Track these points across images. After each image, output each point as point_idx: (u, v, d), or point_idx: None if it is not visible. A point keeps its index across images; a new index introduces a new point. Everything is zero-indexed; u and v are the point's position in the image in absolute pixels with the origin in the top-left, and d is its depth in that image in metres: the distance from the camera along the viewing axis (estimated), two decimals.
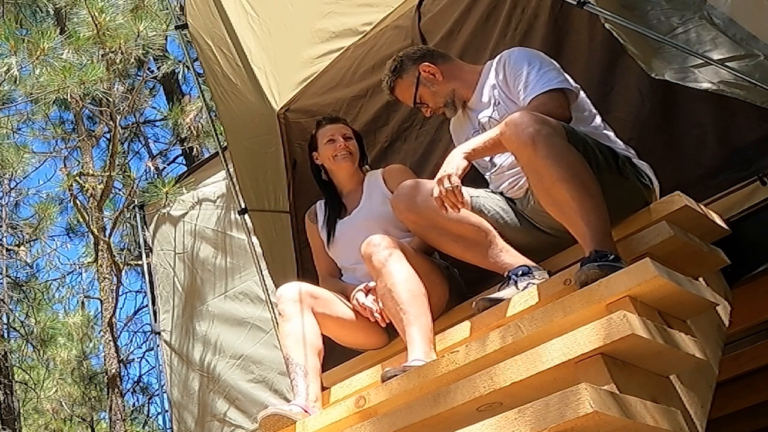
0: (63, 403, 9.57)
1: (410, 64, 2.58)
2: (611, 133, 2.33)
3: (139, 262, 6.56)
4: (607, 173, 2.08)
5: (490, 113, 2.45)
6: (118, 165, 7.54)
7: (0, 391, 8.05)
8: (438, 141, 3.12)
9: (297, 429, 2.15)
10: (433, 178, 2.20)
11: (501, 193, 2.44)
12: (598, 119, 2.35)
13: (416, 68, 2.56)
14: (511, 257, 2.23)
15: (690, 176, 2.38)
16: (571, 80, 2.34)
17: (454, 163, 2.14)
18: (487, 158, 2.45)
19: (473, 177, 2.46)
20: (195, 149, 8.91)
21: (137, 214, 5.46)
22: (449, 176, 2.11)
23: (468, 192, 2.38)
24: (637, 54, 2.33)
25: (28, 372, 9.33)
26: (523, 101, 2.30)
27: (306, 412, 2.22)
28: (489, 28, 3.05)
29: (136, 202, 5.71)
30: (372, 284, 2.50)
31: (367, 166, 2.89)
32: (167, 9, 6.32)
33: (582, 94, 2.36)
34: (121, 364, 8.33)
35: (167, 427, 4.79)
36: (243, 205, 3.66)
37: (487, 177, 2.54)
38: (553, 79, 2.27)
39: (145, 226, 5.35)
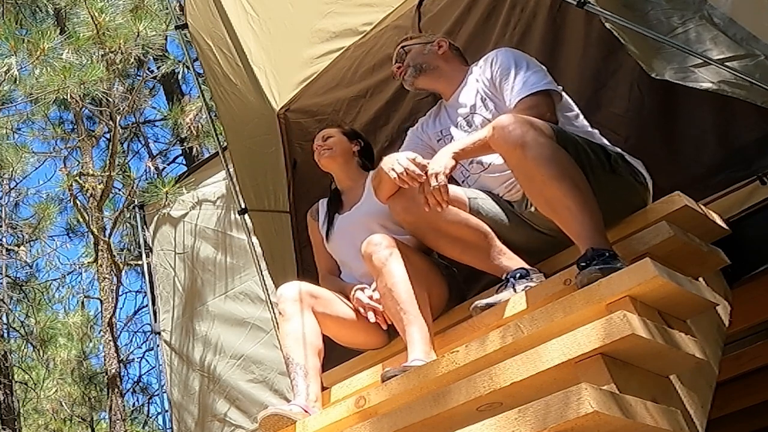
0: (63, 403, 9.57)
1: (435, 36, 2.72)
2: (596, 132, 2.33)
3: (139, 262, 6.57)
4: (600, 171, 2.09)
5: (476, 108, 2.45)
6: (118, 165, 7.55)
7: (0, 391, 8.05)
8: None
9: (297, 429, 2.15)
10: None
11: (498, 196, 2.44)
12: (581, 118, 2.36)
13: (436, 39, 2.66)
14: (508, 260, 2.23)
15: (690, 176, 2.38)
16: (554, 82, 2.34)
17: (442, 162, 2.15)
18: (476, 161, 2.45)
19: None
20: (195, 149, 8.91)
21: (137, 214, 5.47)
22: (436, 174, 2.12)
23: (466, 193, 2.38)
24: (638, 54, 2.33)
25: (28, 372, 9.33)
26: (509, 103, 2.31)
27: (306, 412, 2.22)
28: (489, 28, 3.05)
29: (136, 202, 5.71)
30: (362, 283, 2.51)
31: (356, 159, 2.85)
32: (167, 9, 6.32)
33: (564, 95, 2.37)
34: (121, 364, 8.34)
35: (167, 427, 4.79)
36: (243, 205, 3.66)
37: (471, 179, 2.51)
38: (539, 81, 2.28)
39: (145, 226, 5.35)
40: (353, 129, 2.99)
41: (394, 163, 2.21)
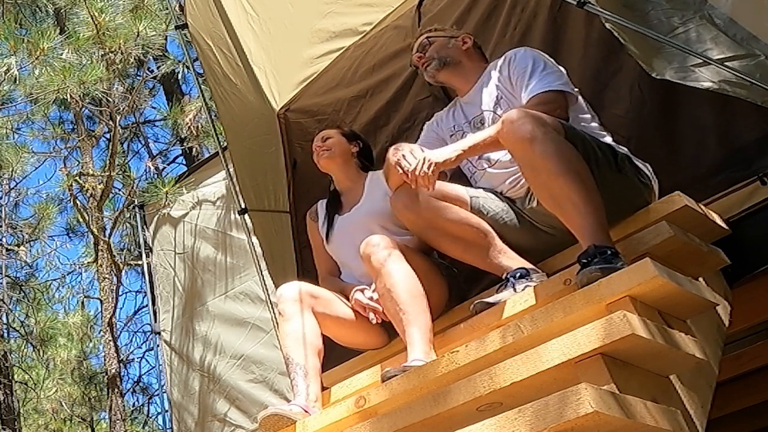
0: (63, 403, 9.57)
1: (460, 31, 2.71)
2: (608, 137, 2.33)
3: (139, 262, 6.56)
4: (607, 170, 2.09)
5: (491, 108, 2.46)
6: (118, 165, 7.55)
7: (0, 391, 8.05)
8: None
9: (297, 429, 2.15)
10: None
11: (500, 193, 2.44)
12: (596, 122, 2.36)
13: (461, 34, 2.65)
14: (509, 259, 2.23)
15: (690, 176, 2.38)
16: (571, 84, 2.35)
17: (444, 154, 2.18)
18: (483, 157, 2.45)
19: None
20: (195, 149, 8.91)
21: (137, 214, 5.47)
22: (432, 163, 2.15)
23: (467, 192, 2.38)
24: (638, 54, 2.33)
25: (28, 372, 9.32)
26: (523, 100, 2.32)
27: (306, 412, 2.22)
28: (489, 28, 3.05)
29: (136, 202, 5.72)
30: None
31: (355, 160, 2.86)
32: (167, 9, 6.31)
33: (579, 98, 2.37)
34: (121, 364, 8.33)
35: (167, 427, 4.79)
36: (243, 205, 3.66)
37: (478, 174, 2.51)
38: (554, 81, 2.29)
39: (145, 226, 5.35)
40: (352, 130, 2.99)
41: (426, 163, 2.17)
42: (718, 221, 2.16)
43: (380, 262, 2.27)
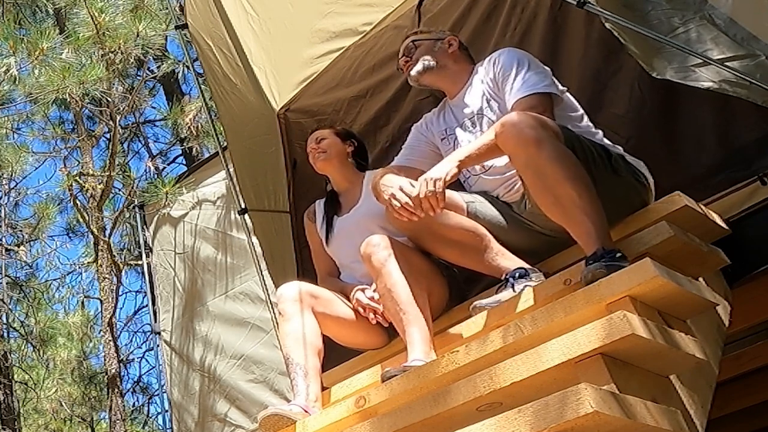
0: (63, 403, 9.56)
1: (446, 32, 2.66)
2: (599, 133, 2.33)
3: (139, 262, 6.56)
4: (603, 172, 2.09)
5: (482, 110, 2.44)
6: (118, 165, 7.55)
7: (0, 391, 8.05)
8: None
9: (297, 429, 2.15)
10: None
11: (496, 197, 2.43)
12: (586, 119, 2.35)
13: (447, 36, 2.61)
14: (507, 260, 2.23)
15: (690, 176, 2.38)
16: (558, 84, 2.33)
17: (445, 168, 2.14)
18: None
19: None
20: (195, 149, 8.92)
21: (137, 214, 5.48)
22: (436, 180, 2.11)
23: (463, 198, 2.38)
24: (638, 53, 2.33)
25: (28, 372, 9.32)
26: (508, 103, 2.30)
27: (306, 412, 2.22)
28: (489, 28, 3.05)
29: (136, 202, 5.72)
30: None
31: (351, 160, 2.86)
32: (167, 9, 6.31)
33: (568, 96, 2.36)
34: (121, 364, 8.33)
35: (167, 427, 4.80)
36: (243, 205, 3.66)
37: (471, 180, 2.50)
38: (539, 83, 2.27)
39: (145, 226, 5.35)
40: (346, 129, 2.98)
41: (431, 182, 2.12)
42: (718, 221, 2.16)
43: (381, 262, 2.27)
